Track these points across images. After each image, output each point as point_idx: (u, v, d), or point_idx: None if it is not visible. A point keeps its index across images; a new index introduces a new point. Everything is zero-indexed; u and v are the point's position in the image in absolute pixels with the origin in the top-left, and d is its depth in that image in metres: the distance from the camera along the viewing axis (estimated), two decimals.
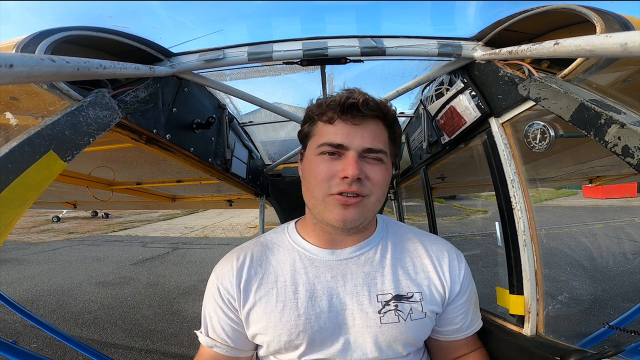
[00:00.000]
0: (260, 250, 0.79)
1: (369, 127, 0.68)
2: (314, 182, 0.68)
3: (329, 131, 0.68)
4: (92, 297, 4.64)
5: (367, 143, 0.66)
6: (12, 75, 0.42)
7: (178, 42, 1.03)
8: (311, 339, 0.69)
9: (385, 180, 0.69)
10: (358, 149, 0.66)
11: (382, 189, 0.69)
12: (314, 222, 0.75)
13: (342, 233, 0.74)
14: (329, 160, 0.67)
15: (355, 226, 0.68)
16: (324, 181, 0.66)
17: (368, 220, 0.72)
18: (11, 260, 6.81)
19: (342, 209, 0.66)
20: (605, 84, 0.81)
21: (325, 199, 0.67)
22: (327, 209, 0.67)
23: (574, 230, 7.99)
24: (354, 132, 0.66)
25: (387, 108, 0.71)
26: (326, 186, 0.66)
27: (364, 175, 0.65)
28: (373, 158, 0.68)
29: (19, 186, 0.54)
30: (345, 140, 0.66)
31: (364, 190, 0.66)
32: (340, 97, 0.67)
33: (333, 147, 0.66)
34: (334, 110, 0.67)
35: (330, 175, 0.66)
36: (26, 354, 1.58)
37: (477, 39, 1.03)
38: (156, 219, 13.38)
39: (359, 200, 0.66)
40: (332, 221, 0.67)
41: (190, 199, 3.04)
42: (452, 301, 0.76)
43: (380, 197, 0.69)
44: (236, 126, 1.78)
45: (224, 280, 0.74)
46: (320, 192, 0.67)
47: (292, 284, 0.72)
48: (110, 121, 0.75)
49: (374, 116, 0.68)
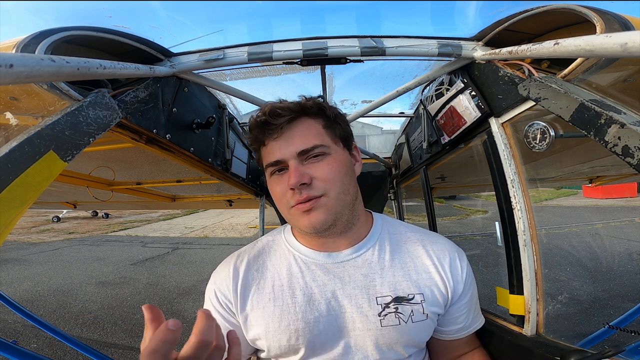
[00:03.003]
0: (256, 254, 0.79)
1: (294, 131, 0.68)
2: (277, 201, 0.71)
3: (266, 153, 0.71)
4: (92, 297, 4.65)
5: (298, 146, 0.67)
6: (12, 75, 0.42)
7: (178, 42, 1.03)
8: (311, 343, 0.68)
9: (337, 172, 0.68)
10: (293, 155, 0.67)
11: (337, 181, 0.68)
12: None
13: (327, 235, 0.73)
14: (278, 177, 0.70)
15: (327, 226, 0.68)
16: (282, 197, 0.69)
17: (343, 216, 0.70)
18: (11, 260, 6.81)
19: (306, 215, 0.67)
20: (605, 84, 0.81)
21: (290, 212, 0.69)
22: (295, 219, 0.69)
23: (574, 230, 7.99)
24: (282, 143, 0.68)
25: (301, 103, 0.70)
26: (284, 201, 0.69)
27: (309, 178, 0.66)
28: (314, 156, 0.68)
29: (19, 186, 0.54)
30: (280, 155, 0.67)
31: (315, 192, 0.66)
32: (255, 119, 0.71)
33: (274, 165, 0.69)
34: (259, 134, 0.70)
35: (284, 191, 0.68)
36: (26, 354, 1.58)
37: (477, 39, 1.03)
38: (156, 219, 13.38)
39: (315, 202, 0.66)
40: (304, 228, 0.68)
41: (190, 199, 3.04)
42: (455, 302, 0.75)
43: (341, 189, 0.68)
44: (236, 126, 1.78)
45: (222, 285, 0.74)
46: (284, 207, 0.70)
47: (289, 288, 0.72)
48: (110, 121, 0.75)
49: (293, 118, 0.68)
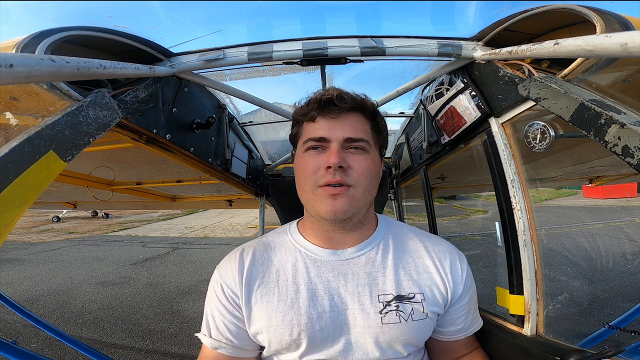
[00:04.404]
0: (262, 249, 0.79)
1: (349, 119, 0.71)
2: (303, 177, 0.71)
3: (312, 128, 0.73)
4: (92, 297, 4.65)
5: (348, 133, 0.69)
6: (12, 75, 0.42)
7: (178, 42, 1.03)
8: (312, 338, 0.69)
9: (371, 170, 0.71)
10: (339, 139, 0.69)
11: (368, 179, 0.70)
12: (311, 220, 0.77)
13: (338, 227, 0.74)
14: (314, 154, 0.71)
15: (346, 217, 0.69)
16: (312, 174, 0.69)
17: (360, 212, 0.72)
18: (11, 260, 6.81)
19: (331, 199, 0.67)
20: (605, 84, 0.81)
21: (315, 191, 0.69)
22: (318, 200, 0.69)
23: (574, 230, 7.99)
24: (334, 125, 0.70)
25: (364, 101, 0.74)
26: (314, 179, 0.69)
27: (346, 164, 0.68)
28: (355, 147, 0.70)
29: (19, 186, 0.54)
30: (327, 133, 0.70)
31: (349, 180, 0.68)
32: (317, 96, 0.72)
33: (316, 141, 0.71)
34: (314, 109, 0.72)
35: (316, 168, 0.69)
36: (26, 354, 1.58)
37: (477, 39, 1.02)
38: (156, 219, 13.38)
39: (345, 189, 0.67)
40: (323, 213, 0.69)
41: (190, 199, 3.04)
42: (454, 303, 0.76)
43: (368, 187, 0.71)
44: (236, 126, 1.78)
45: (227, 278, 0.75)
46: (309, 185, 0.70)
47: (293, 283, 0.72)
48: (110, 121, 0.75)
49: (352, 109, 0.72)
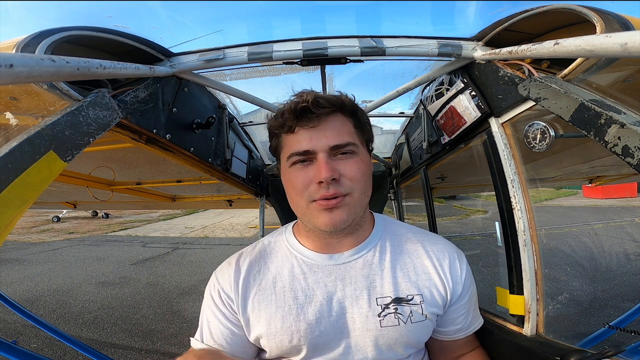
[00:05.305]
0: (258, 256, 0.78)
1: (330, 125, 0.67)
2: (295, 192, 0.68)
3: (292, 140, 0.68)
4: (92, 297, 4.64)
5: (332, 141, 0.65)
6: (12, 75, 0.42)
7: (178, 42, 1.03)
8: (312, 344, 0.69)
9: (363, 172, 0.68)
10: (325, 149, 0.65)
11: (362, 182, 0.68)
12: (306, 229, 0.75)
13: (337, 235, 0.73)
14: (302, 168, 0.67)
15: (346, 226, 0.68)
16: (303, 189, 0.66)
17: (359, 217, 0.71)
18: (11, 260, 6.80)
19: (328, 213, 0.65)
20: (605, 84, 0.81)
21: (310, 206, 0.67)
22: (314, 215, 0.67)
23: (574, 230, 7.99)
24: (316, 134, 0.65)
25: (341, 99, 0.69)
26: (306, 194, 0.66)
27: (338, 174, 0.65)
28: (343, 153, 0.67)
29: (19, 186, 0.54)
30: (310, 145, 0.65)
31: (343, 190, 0.65)
32: (291, 104, 0.67)
33: (301, 155, 0.66)
34: (290, 120, 0.67)
35: (306, 184, 0.66)
36: (26, 354, 1.59)
37: (477, 39, 1.03)
38: (156, 219, 13.38)
39: (341, 200, 0.65)
40: (322, 226, 0.66)
41: (190, 199, 3.04)
42: (454, 302, 0.75)
43: (364, 190, 0.68)
44: (236, 126, 1.78)
45: (224, 284, 0.74)
46: (303, 201, 0.67)
47: (291, 289, 0.72)
48: (110, 121, 0.75)
49: (331, 112, 0.67)
